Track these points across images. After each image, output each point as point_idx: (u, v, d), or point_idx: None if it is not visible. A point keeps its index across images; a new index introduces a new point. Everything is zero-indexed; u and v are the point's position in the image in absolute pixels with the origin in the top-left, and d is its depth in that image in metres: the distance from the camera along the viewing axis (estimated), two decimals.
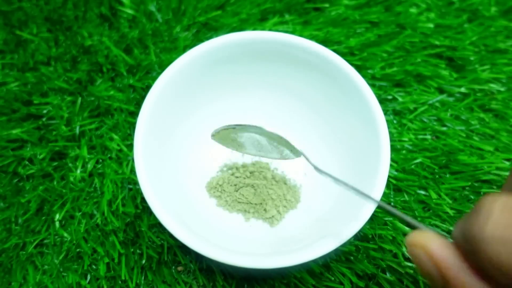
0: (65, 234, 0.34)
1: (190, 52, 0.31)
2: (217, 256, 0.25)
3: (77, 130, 0.38)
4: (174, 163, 0.33)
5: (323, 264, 0.33)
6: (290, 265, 0.25)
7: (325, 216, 0.31)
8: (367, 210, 0.26)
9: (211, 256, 0.25)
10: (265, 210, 0.34)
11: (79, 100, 0.39)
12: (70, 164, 0.36)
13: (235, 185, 0.35)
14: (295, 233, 0.32)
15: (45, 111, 0.38)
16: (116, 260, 0.33)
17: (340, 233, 0.26)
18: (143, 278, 0.32)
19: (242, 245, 0.30)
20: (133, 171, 0.36)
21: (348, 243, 0.33)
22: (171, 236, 0.33)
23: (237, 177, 0.35)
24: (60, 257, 0.33)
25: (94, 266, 0.33)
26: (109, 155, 0.37)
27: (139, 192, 0.35)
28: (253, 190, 0.34)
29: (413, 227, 0.21)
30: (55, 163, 0.37)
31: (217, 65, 0.33)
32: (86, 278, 0.33)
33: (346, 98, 0.31)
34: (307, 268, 0.32)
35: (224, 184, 0.35)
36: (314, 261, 0.32)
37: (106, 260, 0.33)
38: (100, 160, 0.37)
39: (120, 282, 0.32)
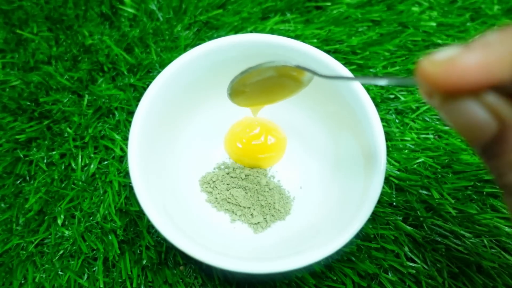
0: (66, 234, 0.34)
1: (191, 52, 0.31)
2: (214, 261, 0.25)
3: (80, 130, 0.38)
4: (170, 157, 0.34)
5: (325, 264, 0.32)
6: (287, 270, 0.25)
7: (311, 233, 0.31)
8: (354, 226, 0.26)
9: (206, 260, 0.25)
10: (251, 215, 0.34)
11: (82, 99, 0.39)
12: (73, 164, 0.36)
13: (228, 184, 0.35)
14: (277, 244, 0.31)
15: (47, 111, 0.38)
16: (116, 258, 0.33)
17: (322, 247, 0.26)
18: (143, 278, 0.32)
19: (227, 246, 0.30)
20: None
21: (350, 243, 0.33)
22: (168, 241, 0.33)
23: (232, 177, 0.35)
24: (60, 257, 0.33)
25: (93, 266, 0.33)
26: (111, 155, 0.37)
27: None
28: (243, 193, 0.34)
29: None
30: (58, 163, 0.37)
31: (216, 66, 0.33)
32: (84, 278, 0.33)
33: (345, 99, 0.31)
34: (309, 268, 0.32)
35: (217, 181, 0.35)
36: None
37: (105, 257, 0.33)
38: (103, 160, 0.37)
39: (119, 281, 0.32)
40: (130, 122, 0.38)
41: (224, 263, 0.25)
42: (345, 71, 0.30)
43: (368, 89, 0.38)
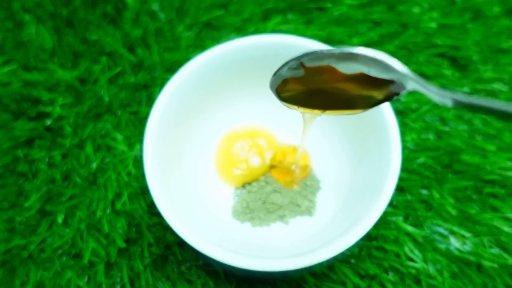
0: (67, 233, 0.34)
1: (209, 52, 0.32)
2: (218, 255, 0.25)
3: (81, 129, 0.38)
4: (185, 155, 0.34)
5: (325, 264, 0.33)
6: (293, 269, 0.25)
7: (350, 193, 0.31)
8: (375, 212, 0.26)
9: (212, 255, 0.26)
10: (298, 205, 0.34)
11: (84, 98, 0.39)
12: (74, 163, 0.37)
13: (259, 199, 0.34)
14: (333, 218, 0.32)
15: (48, 110, 0.39)
16: (118, 258, 0.33)
17: (347, 235, 0.26)
18: (145, 277, 0.32)
19: (248, 246, 0.30)
20: (136, 170, 0.36)
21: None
22: (172, 234, 0.33)
23: (255, 192, 0.35)
24: (60, 256, 0.33)
25: (94, 266, 0.33)
26: (113, 154, 0.37)
27: (142, 190, 0.35)
28: (279, 194, 0.34)
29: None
30: (59, 163, 0.37)
31: (232, 69, 0.33)
32: (85, 278, 0.33)
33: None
34: (309, 268, 0.32)
35: (250, 203, 0.34)
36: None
37: (106, 256, 0.33)
38: (104, 159, 0.37)
39: (119, 281, 0.32)
40: (131, 122, 0.38)
41: (243, 262, 0.25)
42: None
43: None
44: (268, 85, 0.26)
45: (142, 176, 0.36)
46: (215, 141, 0.37)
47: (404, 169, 0.36)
